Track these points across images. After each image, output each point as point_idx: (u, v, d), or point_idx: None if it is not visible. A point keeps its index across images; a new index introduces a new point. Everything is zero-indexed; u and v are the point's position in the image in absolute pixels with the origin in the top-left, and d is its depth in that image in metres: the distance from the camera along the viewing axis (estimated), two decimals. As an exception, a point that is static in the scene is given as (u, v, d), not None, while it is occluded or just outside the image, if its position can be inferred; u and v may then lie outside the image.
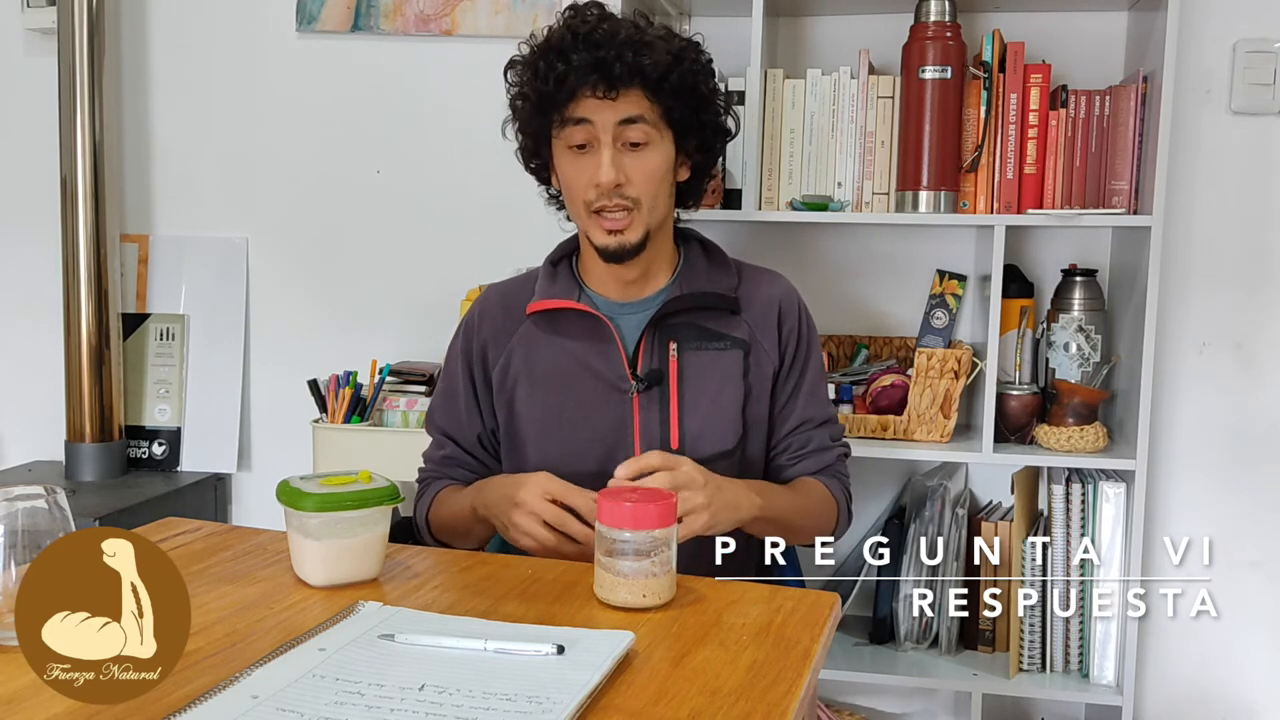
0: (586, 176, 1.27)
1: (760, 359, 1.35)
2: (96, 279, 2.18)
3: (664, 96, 1.27)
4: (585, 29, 1.25)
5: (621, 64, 1.23)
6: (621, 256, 1.30)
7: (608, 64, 1.23)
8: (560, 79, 1.24)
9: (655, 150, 1.29)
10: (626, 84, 1.24)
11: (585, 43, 1.24)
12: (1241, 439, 1.94)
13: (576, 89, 1.24)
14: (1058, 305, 1.88)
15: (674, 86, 1.27)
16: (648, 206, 1.28)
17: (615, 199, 1.27)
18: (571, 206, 1.33)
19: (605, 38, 1.24)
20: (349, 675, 0.78)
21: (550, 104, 1.27)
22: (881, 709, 2.07)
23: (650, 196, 1.29)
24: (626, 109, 1.25)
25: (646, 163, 1.28)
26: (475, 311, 1.42)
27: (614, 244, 1.29)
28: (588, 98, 1.25)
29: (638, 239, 1.29)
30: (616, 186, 1.26)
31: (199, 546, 1.12)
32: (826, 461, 1.38)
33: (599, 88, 1.24)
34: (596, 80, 1.23)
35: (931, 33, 1.76)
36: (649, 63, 1.24)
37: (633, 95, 1.26)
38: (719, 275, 1.38)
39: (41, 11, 2.22)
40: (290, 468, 1.15)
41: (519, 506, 1.16)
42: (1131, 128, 1.74)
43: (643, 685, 0.80)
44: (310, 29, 2.19)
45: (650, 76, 1.25)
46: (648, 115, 1.27)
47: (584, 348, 1.33)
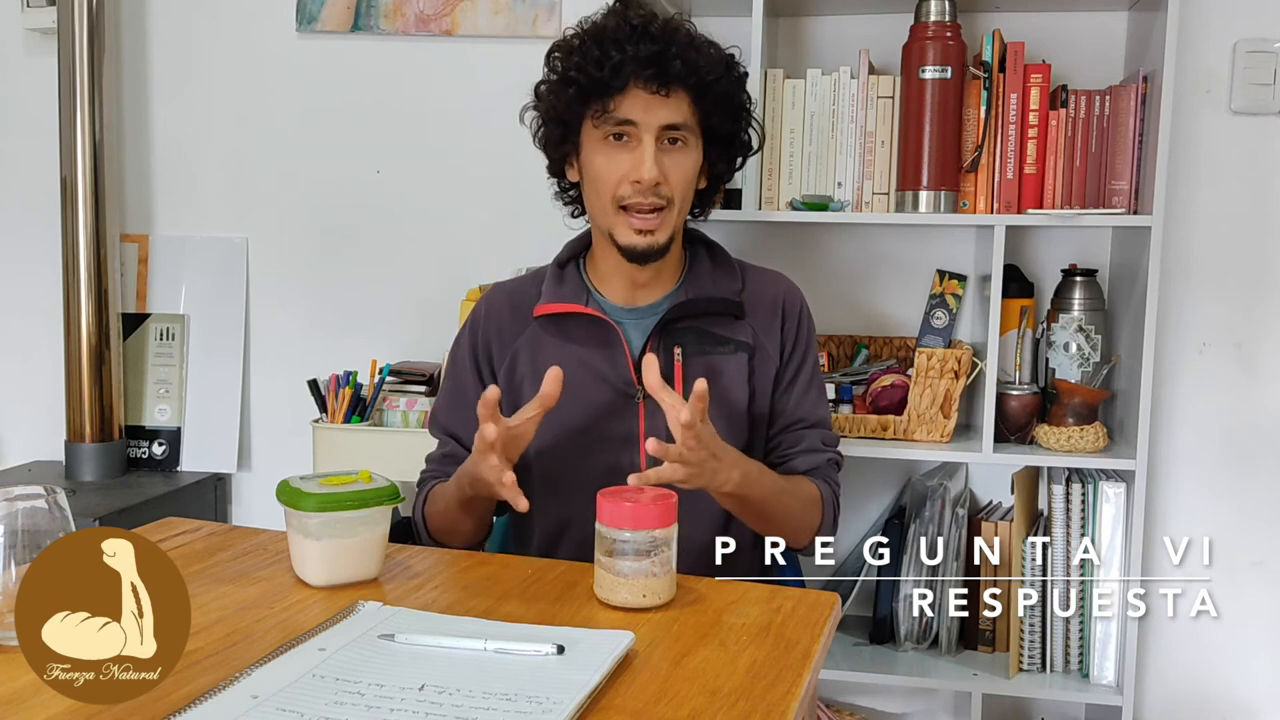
0: (623, 170, 1.25)
1: (764, 360, 1.35)
2: (96, 279, 2.18)
3: (707, 102, 1.27)
4: (641, 21, 1.24)
5: (681, 61, 1.23)
6: (649, 257, 1.29)
7: (665, 59, 1.22)
8: (616, 68, 1.23)
9: (691, 153, 1.29)
10: (679, 83, 1.24)
11: (643, 35, 1.23)
12: (1241, 439, 1.94)
13: (629, 80, 1.23)
14: (1058, 305, 1.88)
15: (719, 95, 1.28)
16: (678, 208, 1.28)
17: (651, 197, 1.25)
18: (597, 200, 1.30)
19: (662, 33, 1.24)
20: (349, 675, 0.78)
21: (597, 91, 1.25)
22: (881, 709, 2.07)
23: (682, 198, 1.28)
24: (673, 111, 1.25)
25: (683, 163, 1.28)
26: (481, 310, 1.40)
27: (643, 244, 1.27)
28: (638, 91, 1.24)
29: (665, 239, 1.28)
30: (655, 185, 1.25)
31: (199, 546, 1.12)
32: (816, 463, 1.35)
33: (652, 82, 1.23)
34: (651, 74, 1.23)
35: (931, 33, 1.76)
36: (704, 64, 1.24)
37: (680, 96, 1.25)
38: (724, 279, 1.37)
39: (41, 11, 2.22)
40: (290, 468, 1.15)
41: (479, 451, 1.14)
42: (1131, 128, 1.74)
43: (643, 685, 0.80)
44: (310, 29, 2.19)
45: (703, 79, 1.25)
46: (689, 120, 1.27)
47: (590, 352, 1.33)
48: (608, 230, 1.30)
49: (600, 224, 1.32)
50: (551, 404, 1.16)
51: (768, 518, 1.26)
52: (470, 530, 1.31)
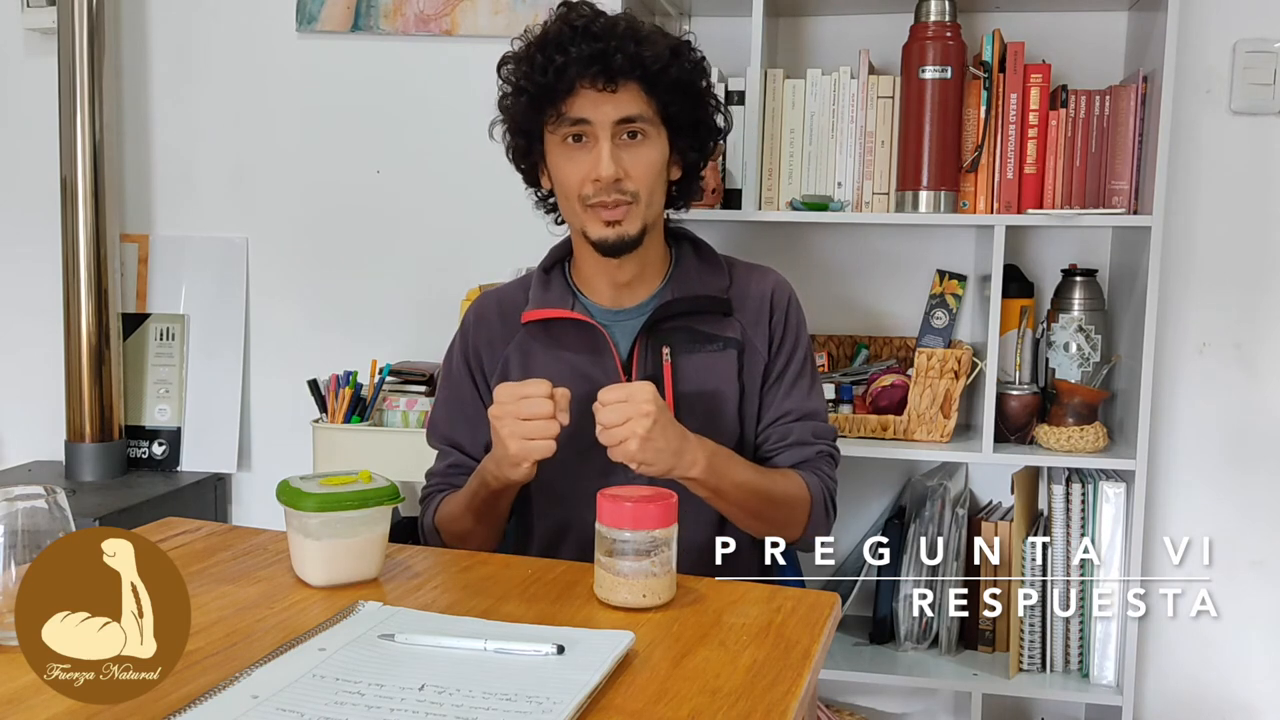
0: (583, 170, 1.26)
1: (753, 357, 1.34)
2: (96, 279, 2.18)
3: (661, 91, 1.27)
4: (582, 22, 1.25)
5: (622, 55, 1.23)
6: (620, 249, 1.28)
7: (608, 55, 1.22)
8: (560, 70, 1.23)
9: (652, 145, 1.28)
10: (626, 76, 1.24)
11: (584, 35, 1.23)
12: (1241, 439, 1.94)
13: (575, 81, 1.24)
14: (1058, 305, 1.88)
15: (672, 81, 1.27)
16: (645, 201, 1.28)
17: (614, 194, 1.25)
18: (565, 203, 1.31)
19: (604, 30, 1.24)
20: (349, 675, 0.78)
21: (548, 97, 1.26)
22: (881, 709, 2.07)
23: (649, 190, 1.28)
24: (625, 105, 1.25)
25: (645, 156, 1.27)
26: (470, 318, 1.41)
27: (613, 235, 1.27)
28: (586, 90, 1.24)
29: (636, 231, 1.28)
30: (616, 181, 1.25)
31: (199, 546, 1.12)
32: (804, 456, 1.33)
33: (598, 80, 1.23)
34: (596, 72, 1.23)
35: (931, 33, 1.76)
36: (649, 55, 1.24)
37: (631, 89, 1.25)
38: (710, 277, 1.37)
39: (41, 11, 2.22)
40: (290, 468, 1.15)
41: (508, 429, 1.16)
42: (1131, 128, 1.74)
43: (643, 685, 0.80)
44: (310, 29, 2.19)
45: (650, 69, 1.24)
46: (644, 111, 1.26)
47: (579, 357, 1.32)
48: (581, 229, 1.30)
49: (573, 224, 1.32)
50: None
51: (746, 508, 1.25)
52: (485, 536, 1.31)
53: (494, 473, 1.21)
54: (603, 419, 1.14)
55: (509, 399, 1.16)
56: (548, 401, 1.15)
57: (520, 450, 1.16)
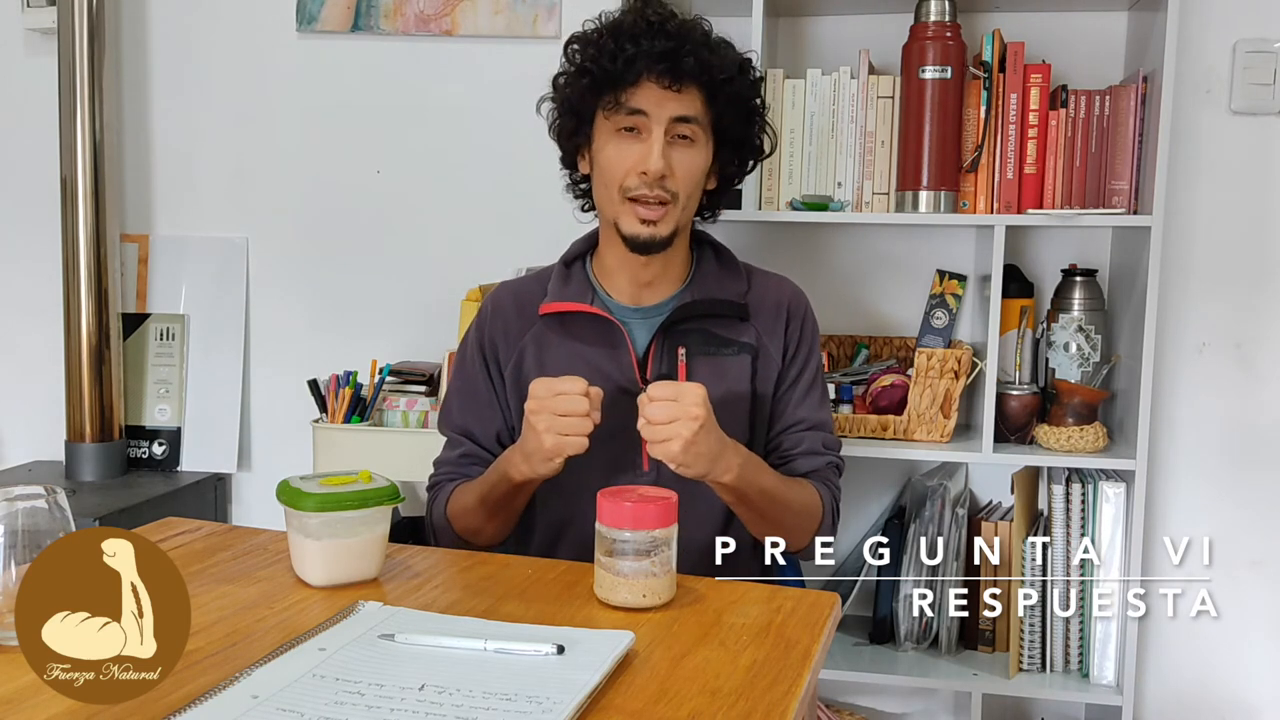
0: (631, 161, 1.27)
1: (767, 363, 1.36)
2: (96, 279, 2.18)
3: (719, 102, 1.29)
4: (659, 19, 1.27)
5: (693, 58, 1.25)
6: (651, 248, 1.29)
7: (679, 56, 1.24)
8: (629, 60, 1.25)
9: (700, 151, 1.30)
10: (691, 79, 1.26)
11: (659, 31, 1.25)
12: (1241, 439, 1.94)
13: (642, 73, 1.25)
14: (1058, 305, 1.88)
15: (732, 94, 1.29)
16: (683, 204, 1.29)
17: (656, 189, 1.26)
18: (604, 191, 1.31)
19: (678, 31, 1.26)
20: (349, 675, 0.78)
21: (611, 83, 1.27)
22: (881, 709, 2.07)
23: (688, 195, 1.29)
24: (684, 105, 1.26)
25: (692, 160, 1.29)
26: (487, 308, 1.41)
27: (645, 234, 1.28)
28: (650, 85, 1.26)
29: (668, 232, 1.29)
30: (661, 177, 1.26)
31: (199, 546, 1.12)
32: (815, 466, 1.36)
33: (664, 77, 1.25)
34: (664, 69, 1.25)
35: (931, 33, 1.76)
36: (716, 64, 1.26)
37: (692, 93, 1.27)
38: (729, 281, 1.38)
39: (41, 11, 2.22)
40: (290, 468, 1.15)
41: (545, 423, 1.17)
42: (1131, 128, 1.74)
43: (643, 685, 0.80)
44: (310, 29, 2.19)
45: (715, 78, 1.26)
46: (700, 116, 1.28)
47: (595, 351, 1.33)
48: (613, 220, 1.31)
49: (606, 214, 1.33)
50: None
51: (766, 516, 1.26)
52: (495, 531, 1.32)
53: (520, 466, 1.22)
54: (649, 414, 1.15)
55: (545, 394, 1.17)
56: (584, 399, 1.16)
57: (555, 445, 1.17)
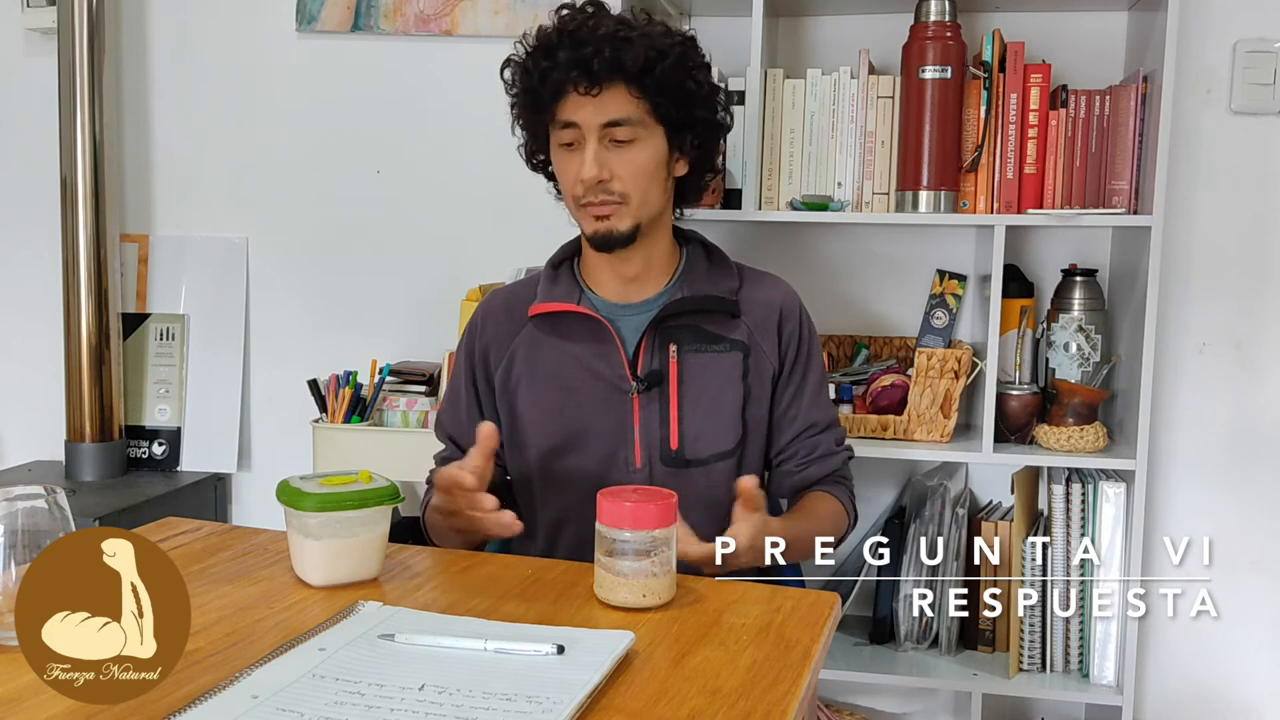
0: (574, 172, 1.29)
1: (760, 361, 1.36)
2: (96, 279, 2.18)
3: (649, 92, 1.27)
4: (572, 25, 1.27)
5: (600, 60, 1.24)
6: (611, 244, 1.31)
7: (587, 60, 1.24)
8: (544, 76, 1.27)
9: (643, 147, 1.29)
10: (607, 79, 1.25)
11: (570, 40, 1.25)
12: (1241, 439, 1.94)
13: (561, 86, 1.26)
14: (1058, 305, 1.88)
15: (658, 81, 1.27)
16: (637, 201, 1.30)
17: (600, 195, 1.28)
18: (566, 200, 1.35)
19: (589, 34, 1.25)
20: (349, 675, 0.78)
21: (540, 102, 1.30)
22: (881, 709, 2.07)
23: (640, 192, 1.29)
24: (610, 107, 1.26)
25: (633, 159, 1.29)
26: (478, 315, 1.42)
27: (603, 229, 1.30)
28: (572, 94, 1.27)
29: (626, 228, 1.30)
30: (600, 183, 1.27)
31: (199, 546, 1.12)
32: (833, 466, 1.39)
33: (580, 84, 1.25)
34: (578, 76, 1.25)
35: (931, 33, 1.75)
36: (628, 58, 1.25)
37: (616, 91, 1.26)
38: (720, 278, 1.38)
39: (41, 11, 2.22)
40: (290, 468, 1.15)
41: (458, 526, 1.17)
42: (1131, 128, 1.74)
43: (643, 685, 0.80)
44: (310, 29, 2.19)
45: (630, 71, 1.25)
46: (633, 113, 1.27)
47: (585, 350, 1.34)
48: (579, 224, 1.34)
49: (574, 221, 1.36)
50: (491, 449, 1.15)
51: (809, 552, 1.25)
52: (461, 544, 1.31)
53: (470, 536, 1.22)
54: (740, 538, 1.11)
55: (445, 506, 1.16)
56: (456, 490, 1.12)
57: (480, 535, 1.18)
